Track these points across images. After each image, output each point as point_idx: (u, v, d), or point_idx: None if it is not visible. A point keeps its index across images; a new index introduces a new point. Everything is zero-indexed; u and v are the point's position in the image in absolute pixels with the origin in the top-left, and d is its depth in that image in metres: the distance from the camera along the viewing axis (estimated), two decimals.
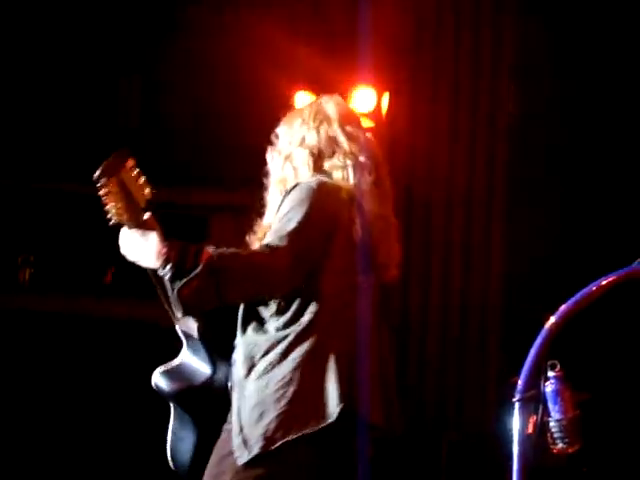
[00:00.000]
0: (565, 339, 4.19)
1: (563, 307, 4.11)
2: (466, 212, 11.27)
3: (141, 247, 4.21)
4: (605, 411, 9.69)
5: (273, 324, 4.30)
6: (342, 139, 4.63)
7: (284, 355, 4.32)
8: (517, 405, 4.09)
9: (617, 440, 10.57)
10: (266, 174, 4.78)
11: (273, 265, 4.24)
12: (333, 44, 11.74)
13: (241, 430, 4.24)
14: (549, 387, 4.12)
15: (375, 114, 10.93)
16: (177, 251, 4.08)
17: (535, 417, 4.23)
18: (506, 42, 11.30)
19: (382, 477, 5.98)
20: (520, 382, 4.14)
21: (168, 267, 4.05)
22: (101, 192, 4.18)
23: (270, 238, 4.22)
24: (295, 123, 4.76)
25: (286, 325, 4.31)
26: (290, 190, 4.37)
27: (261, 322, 4.39)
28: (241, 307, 4.39)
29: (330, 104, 4.84)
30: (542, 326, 4.13)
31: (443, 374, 11.31)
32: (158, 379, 4.58)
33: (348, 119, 4.80)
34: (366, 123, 9.50)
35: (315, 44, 11.73)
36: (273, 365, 4.33)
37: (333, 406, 4.20)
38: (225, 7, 12.74)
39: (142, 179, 4.19)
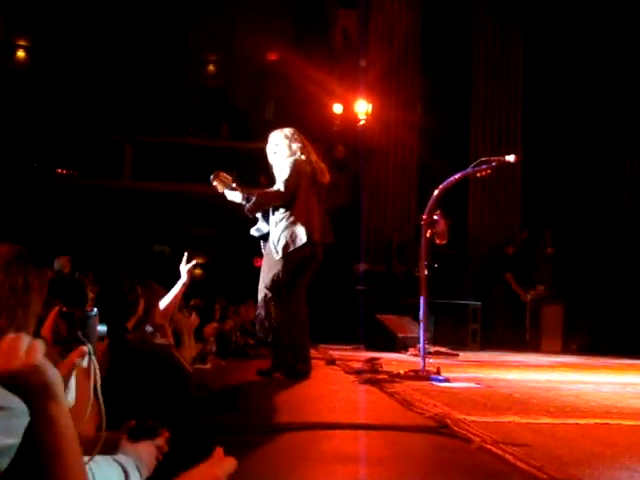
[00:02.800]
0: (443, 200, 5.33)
1: (440, 186, 5.19)
2: (400, 156, 13.08)
3: (233, 196, 5.33)
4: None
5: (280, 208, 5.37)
6: (295, 140, 5.49)
7: (286, 219, 5.25)
8: (423, 225, 5.23)
9: None
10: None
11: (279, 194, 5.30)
12: (350, 78, 12.53)
13: (274, 247, 5.27)
14: (435, 217, 5.05)
15: (366, 114, 12.20)
16: (246, 196, 5.28)
17: (430, 230, 5.05)
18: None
19: None
20: (424, 216, 5.16)
21: (245, 202, 5.26)
22: (214, 184, 5.31)
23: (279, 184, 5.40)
24: (281, 137, 5.53)
25: (284, 211, 5.33)
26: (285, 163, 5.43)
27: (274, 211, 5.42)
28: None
29: (287, 131, 5.58)
30: (433, 194, 5.20)
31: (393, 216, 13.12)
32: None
33: (299, 135, 5.56)
34: (362, 119, 11.95)
35: (341, 79, 12.63)
36: (282, 223, 5.27)
37: (304, 236, 5.18)
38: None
39: (228, 176, 5.32)
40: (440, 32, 12.98)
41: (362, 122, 11.97)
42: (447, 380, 4.86)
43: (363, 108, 12.11)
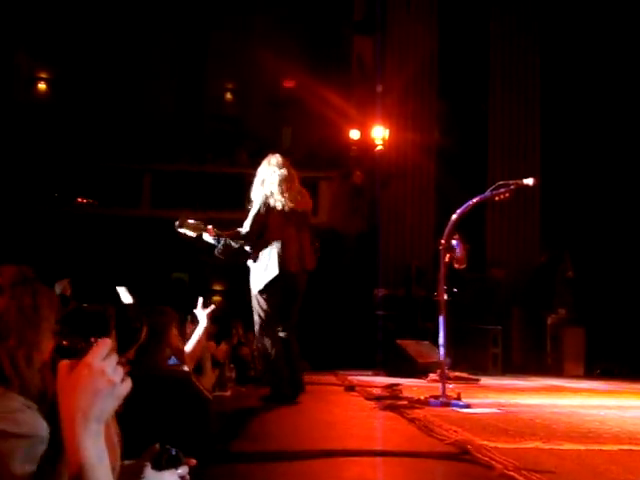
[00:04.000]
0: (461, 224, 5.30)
1: (458, 210, 5.13)
2: (418, 180, 13.17)
3: (207, 238, 5.25)
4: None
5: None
6: (274, 174, 5.38)
7: (256, 256, 5.30)
8: (441, 250, 5.28)
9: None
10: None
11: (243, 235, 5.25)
12: (367, 103, 12.61)
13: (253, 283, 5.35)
14: (454, 242, 5.67)
15: (383, 139, 12.36)
16: (217, 237, 5.23)
17: (449, 254, 5.47)
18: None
19: None
20: (443, 241, 5.21)
21: (215, 242, 5.25)
22: (181, 231, 5.26)
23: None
24: (260, 170, 5.48)
25: (256, 245, 5.34)
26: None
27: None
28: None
29: (272, 159, 5.48)
30: (450, 219, 5.14)
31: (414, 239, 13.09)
32: None
33: (278, 164, 5.42)
34: (379, 144, 12.14)
35: (358, 105, 12.83)
36: (256, 260, 5.31)
37: (276, 268, 5.18)
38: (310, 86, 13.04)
39: (194, 220, 5.28)
40: (457, 55, 13.01)
41: (379, 147, 12.15)
42: (468, 406, 4.79)
43: (380, 133, 12.27)
